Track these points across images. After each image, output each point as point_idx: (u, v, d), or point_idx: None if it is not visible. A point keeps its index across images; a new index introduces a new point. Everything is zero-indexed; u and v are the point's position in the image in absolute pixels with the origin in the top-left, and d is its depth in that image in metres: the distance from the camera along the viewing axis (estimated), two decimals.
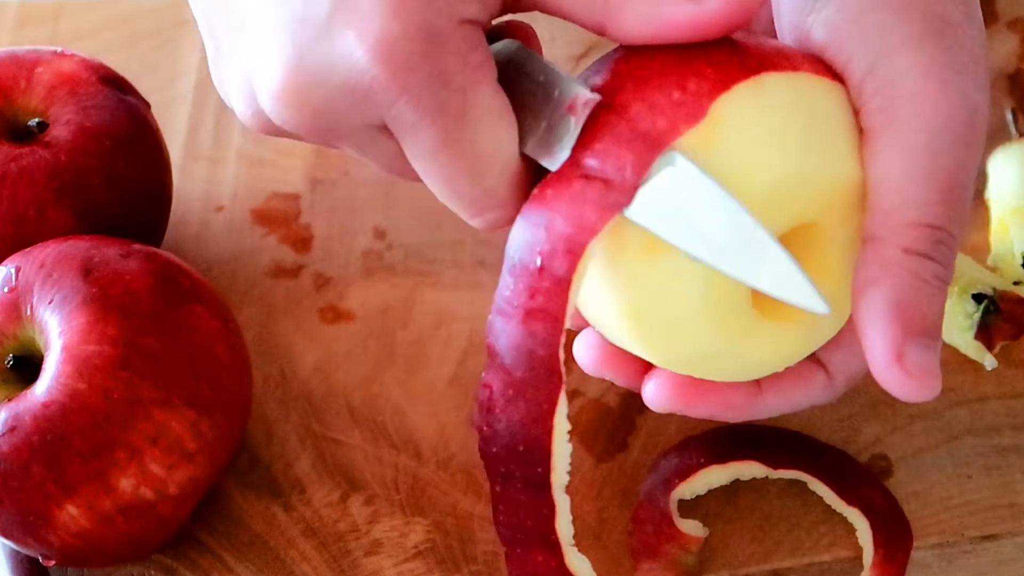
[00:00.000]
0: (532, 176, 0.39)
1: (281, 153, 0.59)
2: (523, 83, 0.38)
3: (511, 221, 0.38)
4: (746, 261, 0.35)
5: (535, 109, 0.38)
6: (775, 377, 0.41)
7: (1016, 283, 0.50)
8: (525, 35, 0.40)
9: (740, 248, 0.35)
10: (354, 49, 0.36)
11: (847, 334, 0.40)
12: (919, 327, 0.36)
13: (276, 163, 0.59)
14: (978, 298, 0.49)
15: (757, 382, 0.41)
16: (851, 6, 0.38)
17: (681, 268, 0.37)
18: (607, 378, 0.42)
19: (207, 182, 0.58)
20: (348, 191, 0.58)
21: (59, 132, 0.50)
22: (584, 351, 0.42)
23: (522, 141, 0.38)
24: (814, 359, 0.41)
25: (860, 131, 0.38)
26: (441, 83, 0.36)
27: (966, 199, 0.38)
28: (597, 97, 0.37)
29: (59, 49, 0.53)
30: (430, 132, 0.36)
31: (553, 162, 0.37)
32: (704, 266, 0.36)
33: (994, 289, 0.49)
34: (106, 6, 0.65)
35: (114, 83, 0.52)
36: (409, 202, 0.57)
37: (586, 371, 0.42)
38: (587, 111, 0.37)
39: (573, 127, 0.37)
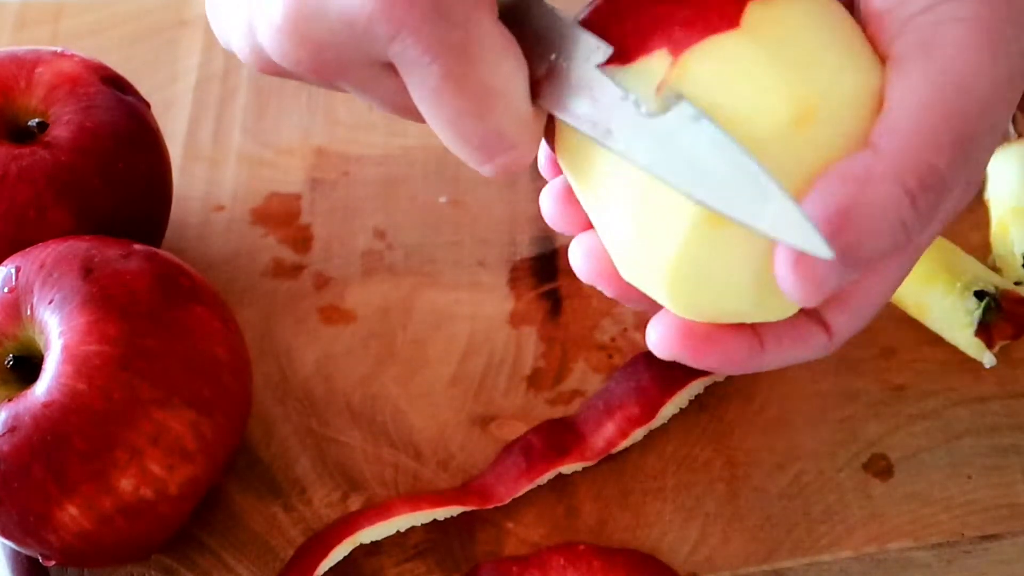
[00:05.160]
0: (547, 124, 0.38)
1: (281, 153, 0.59)
2: (528, 28, 0.37)
3: (524, 166, 0.37)
4: (746, 202, 0.33)
5: (542, 54, 0.37)
6: (776, 335, 0.40)
7: (1017, 283, 0.50)
8: None
9: (741, 189, 0.33)
10: None
11: (855, 296, 0.39)
12: (845, 242, 0.34)
13: (276, 163, 0.59)
14: (980, 295, 0.49)
15: (760, 337, 0.40)
16: None
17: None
18: (598, 287, 0.41)
19: (207, 182, 0.58)
20: (348, 191, 0.58)
21: (59, 132, 0.50)
22: (581, 257, 0.41)
23: (534, 89, 0.37)
24: (816, 318, 0.40)
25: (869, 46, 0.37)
26: (440, 16, 0.35)
27: (976, 159, 0.36)
28: (608, 48, 0.36)
29: (59, 49, 0.53)
30: (433, 68, 0.35)
31: (566, 114, 0.36)
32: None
33: (996, 287, 0.49)
34: (106, 6, 0.65)
35: (114, 83, 0.52)
36: (409, 202, 0.57)
37: (580, 277, 0.41)
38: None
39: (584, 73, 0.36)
